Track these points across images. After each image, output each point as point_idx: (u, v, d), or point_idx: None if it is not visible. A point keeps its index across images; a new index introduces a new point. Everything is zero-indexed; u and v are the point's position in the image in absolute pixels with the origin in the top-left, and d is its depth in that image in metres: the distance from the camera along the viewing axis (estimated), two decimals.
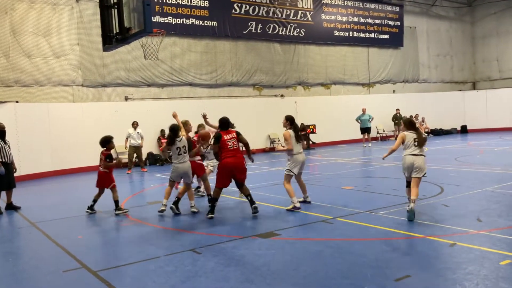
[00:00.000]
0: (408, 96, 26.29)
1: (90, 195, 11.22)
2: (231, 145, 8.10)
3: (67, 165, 16.53)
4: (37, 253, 6.67)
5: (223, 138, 8.08)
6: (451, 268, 4.98)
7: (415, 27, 27.51)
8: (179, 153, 8.43)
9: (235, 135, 8.25)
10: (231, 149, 8.08)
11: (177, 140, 8.42)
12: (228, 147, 8.05)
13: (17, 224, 8.69)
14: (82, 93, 17.36)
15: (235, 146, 8.16)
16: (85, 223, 8.52)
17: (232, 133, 8.26)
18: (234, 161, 8.04)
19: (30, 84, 16.26)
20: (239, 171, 8.13)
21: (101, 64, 17.52)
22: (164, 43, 14.39)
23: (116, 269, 5.54)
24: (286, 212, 8.22)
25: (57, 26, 16.68)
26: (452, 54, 29.43)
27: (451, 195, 8.89)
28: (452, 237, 6.06)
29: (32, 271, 5.79)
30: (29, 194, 12.12)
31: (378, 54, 25.95)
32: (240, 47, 21.06)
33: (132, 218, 8.49)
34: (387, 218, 7.28)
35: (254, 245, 6.23)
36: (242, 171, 8.18)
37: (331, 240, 6.34)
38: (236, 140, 8.21)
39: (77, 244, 6.83)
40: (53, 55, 16.65)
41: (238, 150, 8.17)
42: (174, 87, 19.43)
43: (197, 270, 5.31)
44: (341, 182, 11.52)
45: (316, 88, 23.86)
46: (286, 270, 5.19)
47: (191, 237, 6.91)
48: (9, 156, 9.87)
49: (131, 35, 7.85)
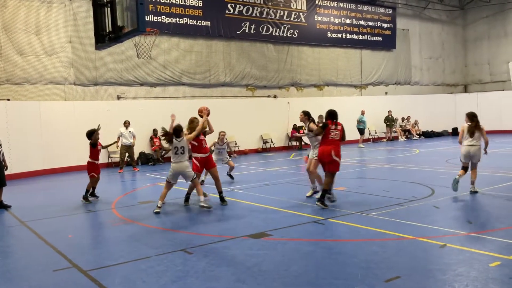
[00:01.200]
0: (400, 98, 26.45)
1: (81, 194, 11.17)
2: (333, 135, 8.50)
3: (59, 164, 16.43)
4: (27, 252, 6.62)
5: (328, 127, 8.50)
6: (441, 269, 5.01)
7: (407, 30, 27.67)
8: (176, 152, 8.52)
9: (340, 128, 8.58)
10: (330, 139, 8.48)
11: (177, 140, 8.54)
12: (329, 136, 8.48)
13: (8, 223, 8.62)
14: (74, 91, 17.26)
15: (336, 137, 8.51)
16: (76, 222, 8.47)
17: (339, 125, 8.59)
18: (325, 149, 8.44)
19: (22, 82, 16.14)
20: (326, 159, 8.47)
21: (94, 63, 17.43)
22: (157, 42, 14.34)
23: (107, 269, 5.52)
24: (278, 212, 8.22)
25: (49, 24, 16.57)
26: (444, 57, 29.65)
27: (442, 197, 8.95)
28: (442, 239, 6.11)
29: (22, 270, 5.75)
30: (20, 193, 12.04)
31: (370, 56, 26.07)
32: (233, 47, 21.05)
33: (124, 217, 8.46)
34: (378, 219, 7.32)
35: (245, 245, 6.23)
36: (329, 162, 8.50)
37: (322, 240, 6.36)
38: (340, 133, 8.56)
39: (68, 243, 6.79)
40: (45, 53, 16.54)
41: (335, 142, 8.50)
42: (167, 87, 19.38)
43: (188, 270, 5.31)
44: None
45: (309, 89, 23.92)
46: (277, 270, 5.20)
47: (182, 237, 6.90)
48: (0, 154, 9.79)
49: (124, 34, 7.83)
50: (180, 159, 8.55)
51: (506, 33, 28.25)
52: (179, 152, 8.55)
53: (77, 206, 9.77)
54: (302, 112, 9.41)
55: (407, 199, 8.82)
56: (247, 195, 10.03)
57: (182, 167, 8.60)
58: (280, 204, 9.02)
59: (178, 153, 8.54)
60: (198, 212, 8.57)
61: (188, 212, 8.62)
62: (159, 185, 12.49)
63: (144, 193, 11.38)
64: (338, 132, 8.55)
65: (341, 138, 8.60)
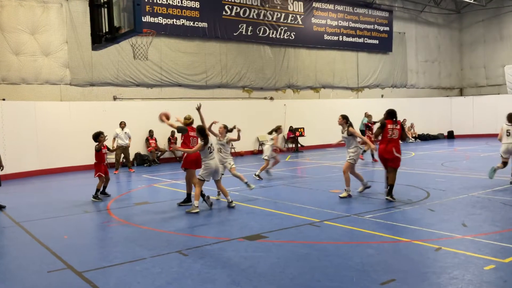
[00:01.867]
0: (396, 101, 26.41)
1: (76, 195, 11.16)
2: (391, 134, 9.01)
3: (54, 165, 16.37)
4: (22, 253, 6.59)
5: (387, 126, 9.02)
6: (436, 272, 5.02)
7: (404, 33, 27.77)
8: (210, 151, 8.72)
9: (399, 127, 9.08)
10: (389, 137, 8.99)
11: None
12: (387, 136, 9.00)
13: (2, 223, 8.57)
14: (70, 92, 17.21)
15: (395, 136, 9.02)
16: (71, 223, 8.43)
17: (398, 124, 9.12)
18: (386, 149, 8.97)
19: (17, 82, 16.08)
20: (389, 156, 8.98)
21: (90, 63, 17.39)
22: (154, 43, 14.35)
23: (102, 270, 5.49)
24: (273, 215, 8.22)
25: (46, 24, 16.53)
26: (440, 60, 29.77)
27: (437, 200, 8.97)
28: (437, 242, 6.12)
29: (16, 271, 5.72)
30: (15, 193, 11.98)
31: (367, 58, 26.14)
32: (230, 49, 21.06)
33: (119, 218, 8.44)
34: (373, 222, 7.33)
35: (241, 247, 6.22)
36: (392, 159, 9.00)
37: (318, 243, 6.35)
38: (398, 131, 9.05)
39: (63, 244, 6.76)
40: (41, 53, 16.49)
41: (394, 140, 9.00)
42: (163, 88, 19.36)
43: (183, 272, 5.29)
44: (329, 186, 11.56)
45: (306, 91, 23.96)
46: (273, 272, 5.19)
47: (178, 239, 6.88)
48: None
49: (121, 35, 7.81)
50: (212, 156, 8.78)
51: (502, 37, 28.40)
52: (212, 150, 8.79)
53: (73, 207, 9.73)
54: (341, 116, 9.93)
55: (402, 202, 8.83)
56: (243, 197, 10.01)
57: (217, 163, 8.93)
58: (275, 206, 9.02)
59: (211, 151, 8.78)
60: (193, 214, 8.55)
61: (183, 214, 8.60)
62: (155, 186, 12.47)
63: (139, 194, 11.35)
64: (397, 130, 9.03)
65: (401, 137, 9.08)
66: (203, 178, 8.79)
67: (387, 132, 9.04)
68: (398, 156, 9.02)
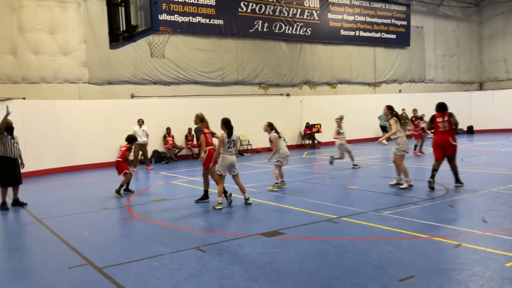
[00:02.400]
0: (414, 96, 26.18)
1: (95, 192, 11.33)
2: (442, 126, 9.66)
3: (73, 162, 16.62)
4: (43, 249, 6.71)
5: (436, 119, 9.74)
6: (456, 269, 4.96)
7: (422, 27, 27.40)
8: (229, 146, 8.81)
9: (447, 118, 9.61)
10: (441, 130, 9.66)
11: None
12: (439, 128, 9.68)
13: (23, 220, 8.75)
14: (88, 90, 17.43)
15: (446, 127, 9.63)
16: (91, 219, 8.56)
17: (446, 115, 9.65)
18: (441, 138, 9.62)
19: (37, 81, 16.34)
20: (447, 147, 9.61)
21: (108, 62, 17.58)
22: (170, 41, 14.39)
23: (121, 266, 5.57)
24: (291, 211, 8.21)
25: (64, 23, 16.75)
26: (459, 54, 29.30)
27: (457, 196, 8.86)
28: (457, 238, 6.04)
29: (37, 267, 5.83)
30: (35, 191, 12.20)
31: (384, 53, 25.88)
32: (246, 46, 21.06)
33: (138, 215, 8.53)
34: (392, 218, 7.27)
35: (258, 243, 6.24)
36: (450, 147, 9.64)
37: (335, 239, 6.33)
38: (448, 122, 9.61)
39: (83, 241, 6.86)
40: (60, 52, 16.72)
41: (447, 131, 9.64)
42: (180, 85, 19.46)
43: (201, 268, 5.33)
44: (346, 182, 11.51)
45: (322, 87, 23.83)
46: (290, 268, 5.20)
47: (196, 235, 6.93)
48: (15, 151, 9.90)
49: (138, 33, 7.88)
50: (231, 151, 8.85)
51: None
52: (231, 145, 8.87)
53: (92, 204, 9.87)
54: (386, 106, 10.34)
55: (421, 198, 8.74)
56: (260, 194, 10.03)
57: (234, 158, 8.93)
58: (292, 202, 9.01)
59: (231, 146, 8.85)
60: (211, 210, 8.60)
61: (201, 211, 8.65)
62: (173, 183, 12.57)
63: (158, 191, 11.45)
64: (446, 122, 9.59)
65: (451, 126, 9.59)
66: (220, 172, 8.84)
67: (437, 125, 9.71)
68: (455, 144, 9.68)
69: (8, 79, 15.68)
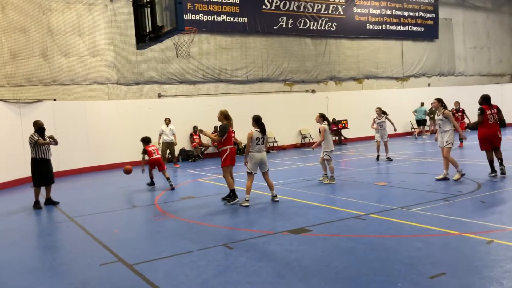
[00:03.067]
0: (444, 90, 25.57)
1: (125, 190, 11.54)
2: (491, 119, 10.17)
3: (103, 161, 16.96)
4: (75, 246, 6.88)
5: (486, 112, 10.19)
6: (488, 265, 4.85)
7: (450, 19, 26.79)
8: (257, 143, 8.85)
9: (496, 111, 10.23)
10: (490, 123, 10.13)
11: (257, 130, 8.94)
12: (488, 121, 10.16)
13: (56, 218, 8.98)
14: (117, 90, 17.75)
15: (495, 120, 10.17)
16: (121, 217, 8.72)
17: (494, 108, 10.25)
18: (490, 132, 10.16)
19: (67, 82, 16.75)
20: (494, 139, 10.20)
21: (135, 62, 17.86)
22: (195, 40, 14.49)
23: (150, 263, 5.66)
24: (318, 208, 8.18)
25: (92, 25, 17.10)
26: (489, 46, 28.53)
27: (489, 191, 8.64)
28: (489, 234, 5.90)
29: (70, 264, 5.98)
30: (67, 190, 12.50)
31: (412, 47, 25.43)
32: (270, 43, 21.04)
33: (166, 212, 8.65)
34: (421, 215, 7.15)
35: (285, 241, 6.23)
36: (497, 139, 10.23)
37: (363, 236, 6.27)
38: (496, 114, 10.21)
39: (113, 238, 7.00)
40: (88, 54, 17.08)
41: (495, 124, 10.21)
42: (205, 84, 19.61)
43: (229, 265, 5.36)
44: (374, 178, 11.38)
45: (348, 82, 23.60)
46: (318, 266, 5.18)
47: (223, 232, 6.98)
48: (47, 152, 10.18)
49: (164, 34, 7.97)
50: (260, 149, 8.89)
51: None
52: (260, 142, 8.90)
53: (122, 202, 10.06)
54: (436, 99, 10.73)
55: (452, 194, 8.57)
56: (287, 191, 10.02)
57: (263, 155, 8.94)
58: (319, 199, 8.97)
59: (259, 143, 8.89)
60: (238, 208, 8.64)
61: (227, 208, 8.70)
62: (199, 181, 12.68)
63: (185, 189, 11.58)
64: (495, 114, 10.12)
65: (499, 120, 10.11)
66: (250, 170, 8.86)
67: (487, 117, 10.13)
68: (500, 137, 10.32)
69: (39, 81, 16.12)
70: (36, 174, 10.03)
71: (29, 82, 15.91)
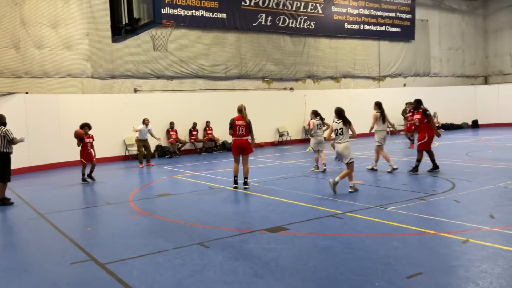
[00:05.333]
0: (419, 90, 25.95)
1: (99, 186, 11.30)
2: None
3: (76, 156, 16.49)
4: (45, 244, 6.66)
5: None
6: (464, 265, 4.88)
7: (427, 20, 27.18)
8: (336, 134, 9.30)
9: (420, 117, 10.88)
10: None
11: (337, 122, 9.38)
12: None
13: (26, 215, 8.70)
14: (91, 84, 17.36)
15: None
16: (94, 215, 8.52)
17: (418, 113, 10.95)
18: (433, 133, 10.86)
19: (40, 75, 16.28)
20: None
21: (111, 56, 17.49)
22: (173, 35, 14.28)
23: (124, 262, 5.51)
24: (295, 206, 8.14)
25: (66, 17, 16.67)
26: (464, 48, 29.07)
27: (463, 191, 8.76)
28: (464, 234, 5.96)
29: (40, 262, 5.78)
30: (39, 185, 12.16)
31: (389, 47, 25.69)
32: (249, 40, 20.93)
33: (141, 210, 8.47)
34: (397, 214, 7.18)
35: (262, 239, 6.16)
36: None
37: (340, 235, 6.25)
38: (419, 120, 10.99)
39: (86, 236, 6.82)
40: (62, 47, 16.65)
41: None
42: (183, 80, 19.37)
43: (205, 264, 5.26)
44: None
45: (326, 81, 23.70)
46: (295, 265, 5.12)
47: (199, 230, 6.87)
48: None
49: (140, 26, 7.77)
50: (340, 140, 9.23)
51: None
52: (339, 133, 9.25)
53: (95, 199, 9.83)
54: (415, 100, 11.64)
55: (427, 193, 8.65)
56: (264, 189, 9.96)
57: (341, 147, 9.20)
58: (297, 197, 8.94)
59: (338, 134, 9.26)
60: (215, 205, 8.54)
61: (204, 205, 8.59)
62: (176, 178, 12.51)
63: (161, 186, 11.39)
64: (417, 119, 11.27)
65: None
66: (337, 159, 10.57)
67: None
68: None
69: (11, 74, 15.64)
70: (9, 168, 9.68)
71: (0, 74, 15.41)
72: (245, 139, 10.12)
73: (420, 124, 11.07)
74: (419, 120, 11.06)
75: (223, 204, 8.54)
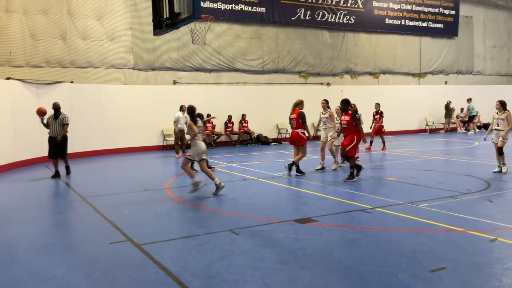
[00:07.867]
0: (461, 88, 25.38)
1: (138, 173, 11.73)
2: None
3: (117, 145, 17.20)
4: (86, 225, 7.07)
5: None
6: (489, 262, 4.90)
7: (471, 17, 26.41)
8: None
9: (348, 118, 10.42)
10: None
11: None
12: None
13: (69, 197, 9.21)
14: (133, 76, 17.93)
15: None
16: (132, 199, 8.90)
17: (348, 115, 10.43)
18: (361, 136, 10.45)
19: (85, 65, 16.96)
20: None
21: (152, 48, 18.00)
22: (212, 28, 14.57)
23: (159, 244, 5.81)
24: (325, 199, 8.26)
25: (111, 9, 17.25)
26: (509, 46, 28.09)
27: (497, 191, 8.63)
28: (493, 233, 5.94)
29: (80, 242, 6.17)
30: (82, 171, 12.74)
31: (431, 43, 25.16)
32: (287, 34, 21.00)
33: (176, 197, 8.80)
34: (428, 211, 7.19)
35: (291, 229, 6.34)
36: None
37: (368, 229, 6.34)
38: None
39: (124, 219, 7.18)
40: (107, 38, 17.26)
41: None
42: (220, 72, 19.68)
43: (234, 250, 5.49)
44: (384, 173, 11.41)
45: (364, 77, 23.48)
46: (321, 255, 5.28)
47: (230, 218, 7.11)
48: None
49: (180, 20, 8.06)
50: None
51: None
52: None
53: (134, 185, 10.24)
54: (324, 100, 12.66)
55: (460, 192, 8.57)
56: (296, 181, 10.11)
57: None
58: (328, 191, 9.04)
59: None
60: (247, 196, 8.76)
61: (236, 196, 8.83)
62: (211, 169, 12.79)
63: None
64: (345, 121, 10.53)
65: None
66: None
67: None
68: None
69: (57, 63, 16.36)
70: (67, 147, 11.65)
71: (47, 63, 16.15)
72: (296, 131, 10.98)
73: (348, 126, 10.31)
74: (348, 122, 10.29)
75: (254, 195, 8.76)
